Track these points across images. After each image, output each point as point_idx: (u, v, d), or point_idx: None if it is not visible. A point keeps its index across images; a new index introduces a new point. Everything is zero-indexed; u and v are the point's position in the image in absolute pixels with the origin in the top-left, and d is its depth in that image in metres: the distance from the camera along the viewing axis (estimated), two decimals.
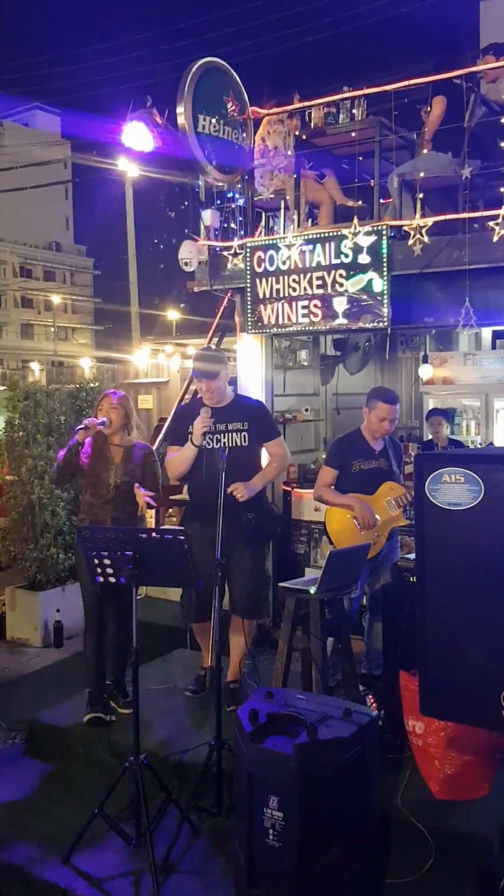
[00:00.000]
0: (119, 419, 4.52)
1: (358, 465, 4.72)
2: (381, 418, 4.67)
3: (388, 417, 4.66)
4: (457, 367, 7.53)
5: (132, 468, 4.49)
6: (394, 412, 4.68)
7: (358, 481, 4.71)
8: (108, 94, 33.37)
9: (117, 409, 4.53)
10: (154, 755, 3.78)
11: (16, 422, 6.60)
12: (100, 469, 4.48)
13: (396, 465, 4.81)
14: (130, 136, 5.72)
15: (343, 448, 4.83)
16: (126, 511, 4.46)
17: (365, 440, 4.78)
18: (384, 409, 4.65)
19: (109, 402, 4.56)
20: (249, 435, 4.45)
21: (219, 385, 4.42)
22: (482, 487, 2.65)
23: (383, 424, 4.68)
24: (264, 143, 6.08)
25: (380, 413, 4.66)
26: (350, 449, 4.79)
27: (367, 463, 4.74)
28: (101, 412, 4.55)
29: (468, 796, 3.49)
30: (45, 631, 6.39)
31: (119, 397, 4.60)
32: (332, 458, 4.86)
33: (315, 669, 4.01)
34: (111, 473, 4.47)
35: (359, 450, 4.76)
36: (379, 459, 4.76)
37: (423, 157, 5.39)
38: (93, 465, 4.49)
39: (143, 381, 14.04)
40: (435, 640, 2.79)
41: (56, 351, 39.09)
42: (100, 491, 4.47)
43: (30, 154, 31.42)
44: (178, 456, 4.43)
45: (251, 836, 2.91)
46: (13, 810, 3.86)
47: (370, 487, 4.70)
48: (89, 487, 4.51)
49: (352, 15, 36.26)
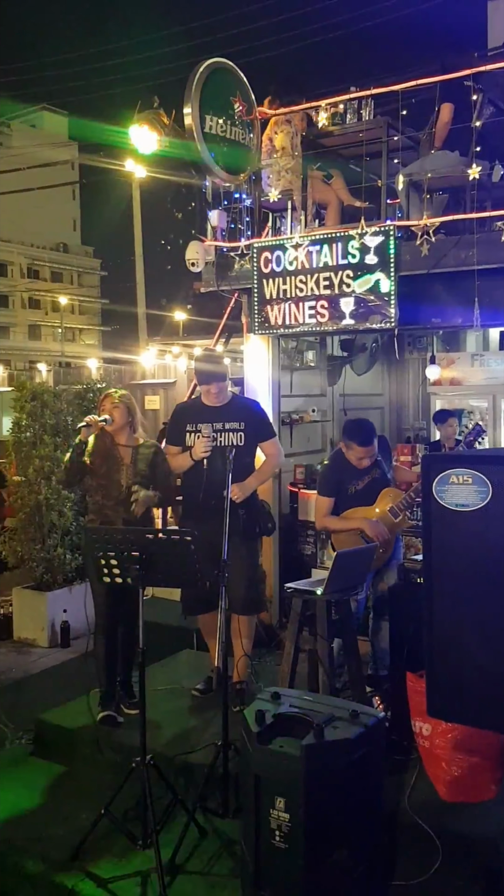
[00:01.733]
0: (122, 417, 4.47)
1: (352, 487, 4.68)
2: (359, 458, 4.62)
3: (366, 457, 4.60)
4: (464, 367, 7.50)
5: (143, 469, 4.45)
6: (370, 452, 4.59)
7: (357, 498, 4.69)
8: (115, 95, 33.44)
9: (119, 406, 4.49)
10: (161, 756, 3.78)
11: (23, 422, 6.62)
12: (110, 471, 4.42)
13: (387, 469, 4.77)
14: (137, 137, 5.72)
15: (333, 477, 4.75)
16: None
17: (351, 465, 4.68)
18: (359, 451, 4.59)
19: (111, 400, 4.53)
20: (246, 435, 4.49)
21: (224, 386, 4.48)
22: (490, 488, 2.64)
23: (362, 462, 4.63)
24: (271, 144, 6.08)
25: (357, 454, 4.61)
26: (340, 476, 4.71)
27: (360, 482, 4.68)
28: (103, 411, 4.52)
29: (475, 798, 3.47)
30: (52, 631, 6.41)
31: (120, 395, 4.57)
32: (324, 488, 4.78)
33: (321, 671, 4.01)
34: (122, 474, 4.42)
35: (348, 473, 4.69)
36: (371, 472, 4.69)
37: (430, 157, 5.38)
38: (102, 467, 4.44)
39: (149, 382, 14.06)
40: (442, 641, 2.78)
41: (63, 352, 39.13)
42: (111, 492, 4.41)
43: (37, 155, 31.54)
44: (175, 463, 4.50)
45: (258, 837, 2.91)
46: (20, 810, 3.86)
47: (369, 499, 4.68)
48: (100, 489, 4.45)
49: (359, 15, 36.22)
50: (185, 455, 4.44)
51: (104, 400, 4.59)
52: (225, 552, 3.72)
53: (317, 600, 4.01)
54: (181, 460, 4.47)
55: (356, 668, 4.23)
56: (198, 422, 4.42)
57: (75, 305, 48.80)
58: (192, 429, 4.44)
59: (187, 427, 4.47)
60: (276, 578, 6.01)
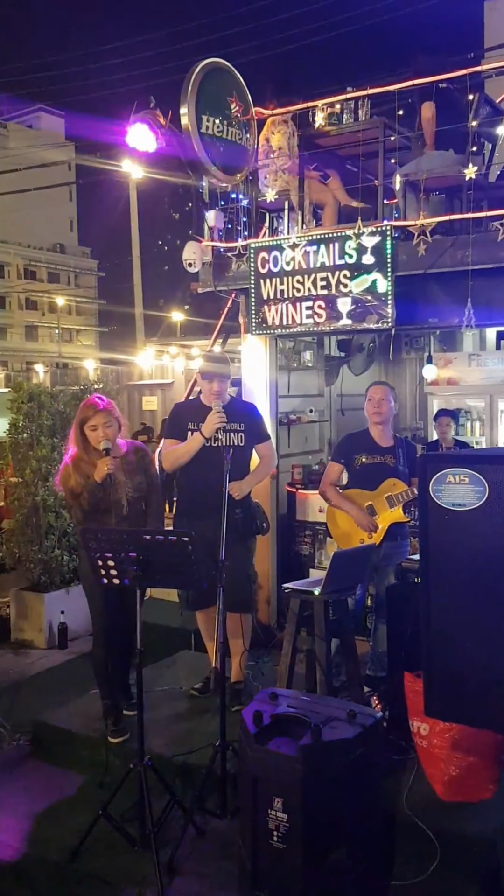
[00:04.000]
0: (115, 434, 4.14)
1: (361, 459, 4.79)
2: (367, 399, 4.87)
3: (372, 397, 4.84)
4: (461, 367, 7.52)
5: (139, 481, 4.26)
6: (374, 391, 4.87)
7: (360, 476, 4.77)
8: (112, 95, 33.41)
9: (112, 425, 4.12)
10: (158, 757, 3.77)
11: (20, 423, 6.61)
12: (108, 494, 4.08)
13: (405, 465, 4.81)
14: (134, 137, 5.72)
15: (348, 442, 4.97)
16: (140, 525, 4.27)
17: (371, 436, 4.85)
18: (369, 391, 4.90)
19: (103, 420, 4.07)
20: (246, 436, 4.52)
21: (226, 387, 4.52)
22: (487, 488, 2.64)
23: (370, 405, 4.83)
24: (268, 144, 6.07)
25: (368, 396, 4.88)
26: (354, 443, 4.89)
27: (370, 457, 4.78)
28: (93, 432, 4.09)
29: (473, 798, 3.47)
30: (50, 633, 6.39)
31: (107, 410, 4.14)
32: (336, 453, 4.99)
33: (319, 671, 4.01)
34: (122, 494, 4.10)
35: (363, 444, 4.84)
36: (385, 455, 4.78)
37: (426, 157, 5.38)
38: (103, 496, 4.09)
39: (147, 383, 14.08)
40: (439, 641, 2.78)
41: (60, 352, 39.16)
42: (118, 512, 4.11)
43: (34, 156, 31.50)
44: (183, 448, 4.42)
45: (256, 837, 2.91)
46: (18, 812, 3.85)
47: (372, 483, 4.74)
48: (103, 514, 4.10)
49: (356, 15, 36.21)
50: (195, 437, 4.35)
51: (93, 418, 4.10)
52: (222, 552, 3.73)
53: (314, 600, 4.01)
54: (192, 444, 4.37)
55: (354, 668, 4.23)
56: (199, 421, 4.42)
57: (72, 306, 48.81)
58: (193, 427, 4.44)
59: (189, 426, 4.47)
60: (274, 579, 6.01)
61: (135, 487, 4.23)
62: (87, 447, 4.15)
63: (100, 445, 4.07)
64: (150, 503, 4.39)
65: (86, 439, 4.16)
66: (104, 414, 4.13)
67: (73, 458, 4.15)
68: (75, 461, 4.14)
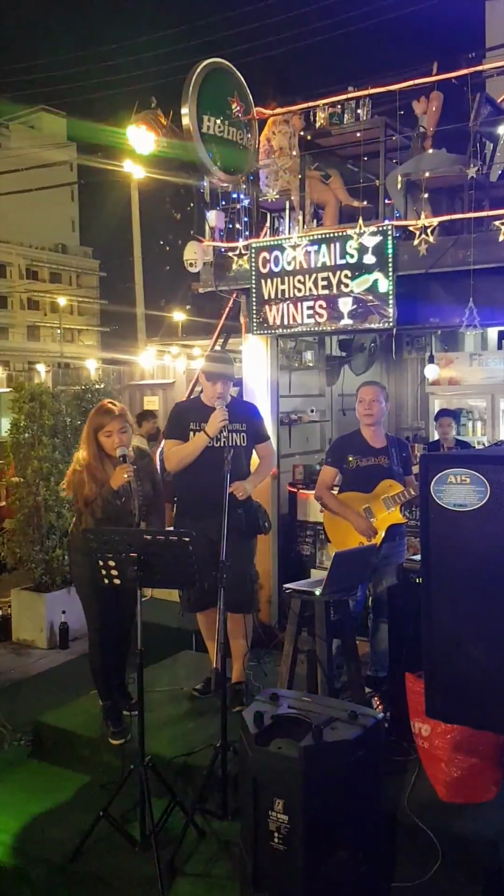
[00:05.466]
0: (129, 439, 4.06)
1: (354, 460, 4.76)
2: (358, 400, 4.82)
3: (363, 398, 4.79)
4: (463, 367, 7.51)
5: (147, 488, 4.20)
6: (365, 392, 4.81)
7: (355, 479, 4.75)
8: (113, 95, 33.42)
9: (127, 430, 4.04)
10: (159, 757, 3.77)
11: (21, 423, 6.61)
12: (124, 503, 3.98)
13: (399, 464, 4.79)
14: (135, 137, 5.72)
15: (340, 445, 4.95)
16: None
17: (363, 438, 4.83)
18: (360, 392, 4.84)
19: (118, 426, 3.99)
20: (247, 436, 4.53)
21: (229, 387, 4.52)
22: (488, 488, 2.63)
23: (361, 407, 4.79)
24: (269, 144, 6.08)
25: (359, 397, 4.82)
26: (346, 445, 4.88)
27: (363, 459, 4.76)
28: (107, 438, 4.01)
29: (475, 799, 3.46)
30: (51, 633, 6.40)
31: (122, 415, 4.07)
32: (329, 456, 4.96)
33: (320, 671, 4.00)
34: (133, 503, 3.95)
35: (355, 445, 4.82)
36: (378, 456, 4.76)
37: (427, 157, 5.38)
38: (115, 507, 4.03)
39: (148, 383, 14.05)
40: (441, 641, 2.78)
41: (62, 352, 39.13)
42: (129, 522, 3.96)
43: (36, 156, 31.45)
44: (187, 447, 4.39)
45: (256, 839, 2.90)
46: (18, 812, 3.85)
47: (367, 485, 4.72)
48: (114, 523, 4.00)
49: (357, 15, 36.16)
50: (199, 437, 4.33)
51: (110, 424, 4.02)
52: (223, 553, 3.72)
53: (315, 601, 4.00)
54: (194, 443, 4.35)
55: (355, 668, 4.22)
56: (201, 421, 4.41)
57: (74, 306, 48.79)
58: (195, 427, 4.43)
59: (191, 426, 4.46)
60: (275, 579, 6.00)
61: (145, 495, 4.15)
62: (102, 454, 4.09)
63: (115, 452, 4.00)
64: (155, 509, 4.35)
65: (100, 446, 4.08)
66: (120, 420, 4.05)
67: (86, 466, 4.06)
68: (90, 468, 4.05)
